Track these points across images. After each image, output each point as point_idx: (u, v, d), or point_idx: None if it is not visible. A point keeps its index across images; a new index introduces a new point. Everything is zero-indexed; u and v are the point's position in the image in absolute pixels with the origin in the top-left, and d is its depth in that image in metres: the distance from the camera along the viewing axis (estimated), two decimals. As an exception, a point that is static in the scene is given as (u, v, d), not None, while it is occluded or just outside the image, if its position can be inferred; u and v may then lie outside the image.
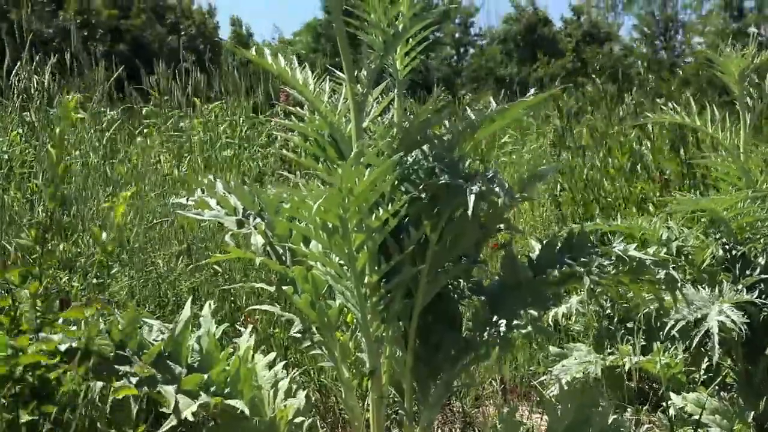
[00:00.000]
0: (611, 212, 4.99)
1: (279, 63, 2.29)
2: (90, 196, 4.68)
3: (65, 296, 2.72)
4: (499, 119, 2.26)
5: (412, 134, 2.23)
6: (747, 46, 3.33)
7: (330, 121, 2.28)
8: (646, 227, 3.28)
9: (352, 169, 1.94)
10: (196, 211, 2.37)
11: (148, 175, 5.66)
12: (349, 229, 2.06)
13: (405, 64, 2.34)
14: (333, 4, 2.20)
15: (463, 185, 2.03)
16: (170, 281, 3.95)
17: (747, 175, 3.27)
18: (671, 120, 3.46)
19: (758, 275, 3.08)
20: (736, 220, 3.20)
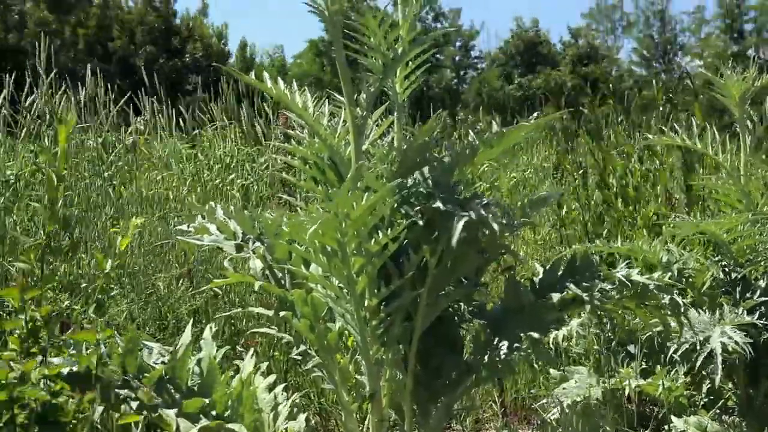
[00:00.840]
0: (617, 234, 4.98)
1: (278, 87, 2.30)
2: (92, 218, 4.69)
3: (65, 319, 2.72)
4: (498, 144, 2.25)
5: (411, 157, 2.23)
6: (747, 68, 3.34)
7: (329, 144, 2.28)
8: (646, 250, 3.28)
9: (348, 194, 1.93)
10: (196, 236, 2.37)
11: (149, 198, 5.66)
12: (348, 252, 2.05)
13: (405, 87, 2.35)
14: (332, 27, 2.21)
15: (453, 211, 2.02)
16: (170, 304, 3.95)
17: (747, 197, 3.26)
18: (672, 143, 3.47)
19: (759, 298, 3.07)
20: (737, 243, 3.19)
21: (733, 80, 3.33)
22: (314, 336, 2.26)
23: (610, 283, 2.26)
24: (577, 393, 3.29)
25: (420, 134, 2.26)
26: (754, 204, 3.27)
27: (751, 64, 3.34)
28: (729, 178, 3.30)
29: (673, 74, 46.47)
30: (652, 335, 3.24)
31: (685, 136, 3.38)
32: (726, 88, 3.35)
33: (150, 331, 3.72)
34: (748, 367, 3.08)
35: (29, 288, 2.12)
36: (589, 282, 2.26)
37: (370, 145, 2.32)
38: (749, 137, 3.33)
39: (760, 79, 3.34)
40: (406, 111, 2.40)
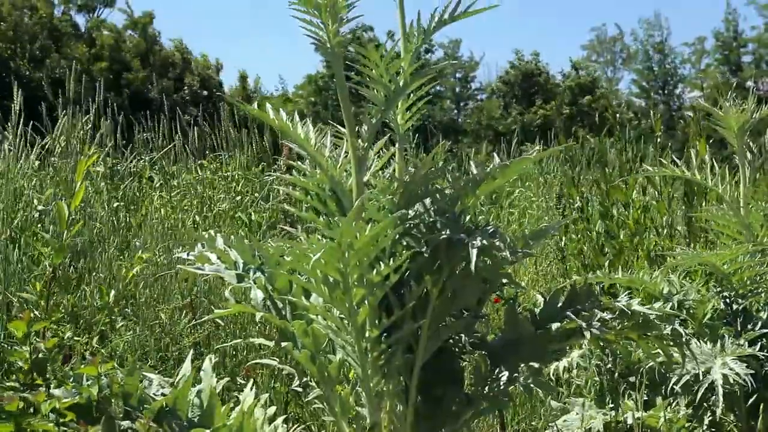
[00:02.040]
0: (618, 265, 4.99)
1: (281, 118, 2.31)
2: (97, 249, 4.70)
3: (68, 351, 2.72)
4: (501, 176, 2.27)
5: (413, 188, 2.24)
6: (746, 100, 3.35)
7: (331, 175, 2.29)
8: (647, 281, 3.28)
9: (353, 225, 1.94)
10: (197, 265, 2.37)
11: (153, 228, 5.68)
12: (350, 283, 2.06)
13: (406, 118, 2.36)
14: (334, 60, 2.23)
15: (464, 240, 2.03)
16: (173, 336, 3.95)
17: (748, 229, 3.27)
18: (672, 174, 3.48)
19: (760, 329, 3.07)
20: (737, 274, 3.20)
21: (731, 112, 3.34)
22: (315, 367, 2.26)
23: (610, 313, 2.26)
24: (579, 425, 3.28)
25: (422, 166, 2.27)
26: (755, 235, 3.28)
27: (750, 96, 3.36)
28: (729, 210, 3.31)
29: (672, 105, 46.69)
30: (653, 366, 3.24)
31: (684, 168, 3.39)
32: (725, 119, 3.37)
33: (152, 362, 3.72)
34: (750, 398, 3.07)
35: (35, 321, 2.13)
36: (589, 312, 2.26)
37: (372, 177, 2.33)
38: (749, 169, 3.34)
39: (758, 111, 3.35)
40: (408, 142, 2.41)
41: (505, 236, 2.05)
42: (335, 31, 2.19)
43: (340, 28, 2.20)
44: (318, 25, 2.20)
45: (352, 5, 2.21)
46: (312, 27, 2.21)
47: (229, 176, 7.74)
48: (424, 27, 2.25)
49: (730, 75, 45.56)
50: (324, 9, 2.17)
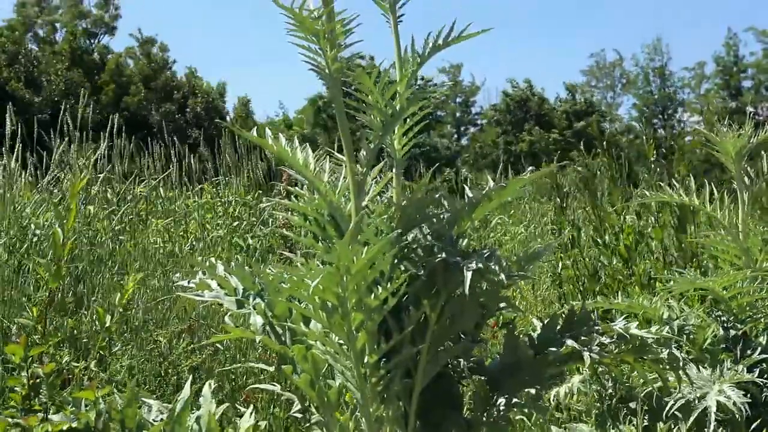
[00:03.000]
0: (614, 290, 4.99)
1: (280, 144, 2.32)
2: (94, 273, 4.70)
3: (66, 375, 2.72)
4: (497, 197, 2.27)
5: (410, 213, 2.25)
6: (744, 125, 3.36)
7: (329, 200, 2.30)
8: (646, 306, 3.28)
9: (349, 247, 1.95)
10: (197, 292, 2.38)
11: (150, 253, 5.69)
12: (348, 308, 2.06)
13: (403, 144, 2.37)
14: (333, 86, 2.24)
15: (460, 263, 2.04)
16: (171, 360, 3.94)
17: (746, 254, 3.27)
18: (670, 199, 3.48)
19: (759, 355, 3.06)
20: (736, 300, 3.20)
21: (729, 137, 3.35)
22: (314, 392, 2.26)
23: (608, 337, 2.26)
24: (579, 450, 3.27)
25: (418, 190, 2.28)
26: (753, 260, 3.28)
27: (747, 121, 3.37)
28: (728, 235, 3.31)
29: (673, 130, 46.78)
30: (652, 391, 3.23)
31: (682, 192, 3.40)
32: (722, 145, 3.37)
33: (150, 387, 3.71)
34: (751, 424, 3.06)
35: (32, 345, 2.13)
36: (587, 336, 2.26)
37: (370, 202, 2.34)
38: (746, 193, 3.35)
39: (756, 136, 3.36)
40: (405, 166, 2.42)
41: (501, 259, 2.05)
42: (334, 57, 2.21)
43: (338, 54, 2.22)
44: (316, 51, 2.22)
45: (350, 31, 2.22)
46: (310, 53, 2.23)
47: (225, 202, 7.76)
48: (419, 52, 2.27)
49: (729, 100, 45.72)
50: (322, 35, 2.18)
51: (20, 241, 4.83)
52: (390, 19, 2.36)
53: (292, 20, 2.15)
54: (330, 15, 2.19)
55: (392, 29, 2.35)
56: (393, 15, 2.36)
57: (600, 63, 52.71)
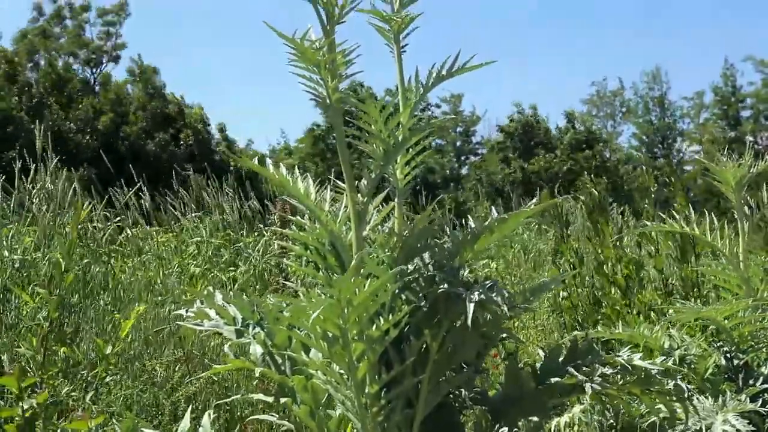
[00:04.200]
0: (614, 320, 4.97)
1: (281, 173, 2.32)
2: (90, 304, 4.69)
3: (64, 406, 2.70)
4: (499, 230, 2.27)
5: (412, 243, 2.24)
6: (743, 155, 3.36)
7: (331, 229, 2.30)
8: (647, 335, 3.27)
9: (352, 280, 1.94)
10: (195, 321, 2.37)
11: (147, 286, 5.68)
12: (350, 338, 2.05)
13: (405, 173, 2.37)
14: (334, 116, 2.24)
15: (462, 293, 2.03)
16: (167, 390, 3.92)
17: (747, 283, 3.26)
18: (671, 229, 3.48)
19: (761, 385, 3.05)
20: (738, 329, 3.18)
21: (729, 167, 3.35)
22: (314, 423, 2.24)
23: (611, 368, 2.25)
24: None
25: (420, 220, 2.28)
26: (754, 290, 3.27)
27: (747, 150, 3.37)
28: (728, 264, 3.30)
29: (672, 159, 46.92)
30: (654, 423, 3.21)
31: (682, 222, 3.39)
32: (722, 174, 3.37)
33: (147, 416, 3.69)
34: (754, 454, 3.04)
35: (28, 376, 2.11)
36: (590, 367, 2.25)
37: (372, 231, 2.33)
38: (747, 223, 3.34)
39: (756, 166, 3.36)
40: (406, 196, 2.42)
41: (503, 291, 2.04)
42: (335, 87, 2.21)
43: (339, 84, 2.22)
44: (317, 81, 2.22)
45: (351, 62, 2.23)
46: (311, 83, 2.23)
47: (202, 241, 7.77)
48: (422, 82, 2.27)
49: (728, 129, 45.85)
50: (323, 66, 2.19)
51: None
52: (393, 49, 2.37)
53: (293, 51, 2.15)
54: (331, 46, 2.20)
55: (395, 59, 2.36)
56: (396, 45, 2.37)
57: (601, 92, 52.94)
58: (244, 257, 7.36)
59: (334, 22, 2.22)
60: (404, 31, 2.39)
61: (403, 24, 2.38)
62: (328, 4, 2.20)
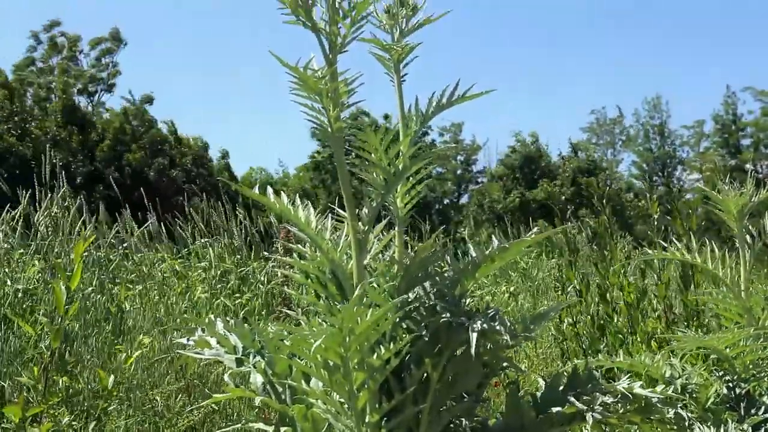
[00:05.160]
0: (616, 348, 4.97)
1: (281, 201, 2.32)
2: (91, 333, 4.68)
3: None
4: (500, 258, 2.27)
5: (413, 271, 2.24)
6: (744, 183, 3.36)
7: (332, 258, 2.30)
8: (648, 364, 3.25)
9: (354, 309, 1.94)
10: (196, 350, 2.36)
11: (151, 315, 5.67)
12: (350, 367, 2.05)
13: (406, 202, 2.38)
14: (335, 144, 2.25)
15: (465, 323, 2.03)
16: (168, 419, 3.91)
17: (749, 312, 3.26)
18: (672, 257, 3.47)
19: (764, 414, 3.03)
20: (740, 358, 3.17)
21: (730, 195, 3.34)
22: (315, 452, 2.23)
23: (612, 396, 2.24)
24: None
25: (421, 249, 2.28)
26: (756, 319, 3.26)
27: (748, 179, 3.37)
28: (730, 293, 3.29)
29: (672, 187, 46.97)
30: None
31: (684, 251, 3.39)
32: (724, 203, 3.37)
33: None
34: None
35: (31, 406, 2.11)
36: (591, 395, 2.25)
37: (372, 259, 2.33)
38: (748, 252, 3.34)
39: (758, 194, 3.36)
40: (407, 224, 2.42)
41: (504, 320, 2.04)
42: (336, 116, 2.22)
43: (341, 113, 2.23)
44: (319, 110, 2.23)
45: (353, 91, 2.24)
46: (313, 112, 2.24)
47: (206, 267, 7.76)
48: (423, 111, 2.28)
49: (729, 158, 45.94)
50: (325, 94, 2.19)
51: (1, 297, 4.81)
52: (394, 78, 2.39)
53: (295, 79, 2.16)
54: (333, 75, 2.21)
55: (396, 88, 2.37)
56: (397, 74, 2.39)
57: (600, 120, 53.13)
58: (249, 283, 7.35)
59: (337, 51, 2.23)
60: (404, 60, 2.41)
61: (403, 53, 2.39)
62: (330, 33, 2.21)
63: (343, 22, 2.21)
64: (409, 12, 2.43)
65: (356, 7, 2.19)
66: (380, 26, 2.44)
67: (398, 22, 2.42)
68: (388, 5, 2.44)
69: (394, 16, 2.43)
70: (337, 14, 2.20)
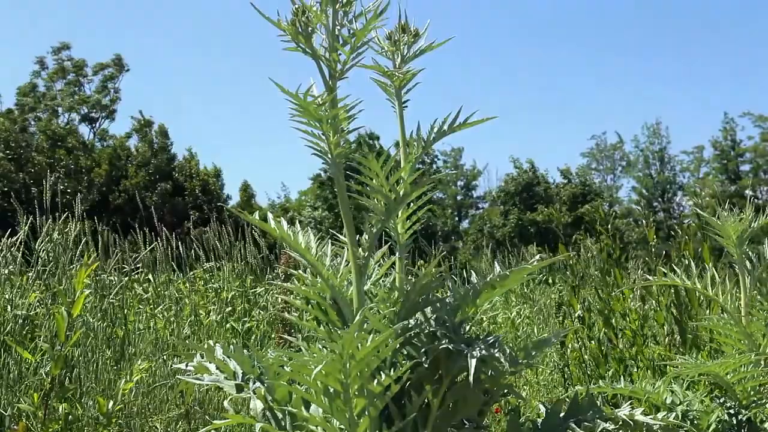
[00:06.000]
0: (618, 374, 4.95)
1: (282, 227, 2.33)
2: (91, 359, 4.66)
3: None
4: (500, 286, 2.27)
5: (413, 298, 2.24)
6: (744, 209, 3.36)
7: (332, 284, 2.30)
8: (649, 390, 3.24)
9: (354, 336, 1.94)
10: (195, 376, 2.36)
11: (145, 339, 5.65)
12: (351, 394, 2.04)
13: (406, 227, 2.38)
14: (335, 170, 2.25)
15: (464, 350, 2.02)
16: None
17: (749, 338, 3.25)
18: (672, 283, 3.47)
19: (766, 440, 3.02)
20: (741, 384, 3.16)
21: (730, 221, 3.35)
22: (315, 479, 2.22)
23: (613, 423, 2.24)
24: None
25: (422, 276, 2.27)
26: (757, 345, 3.25)
27: (748, 204, 3.37)
28: (730, 319, 3.29)
29: (672, 213, 47.01)
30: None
31: (684, 277, 3.39)
32: (723, 229, 3.37)
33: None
34: None
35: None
36: (591, 422, 2.24)
37: (373, 285, 2.33)
38: (748, 277, 3.33)
39: (757, 220, 3.36)
40: (408, 250, 2.42)
41: (504, 347, 2.04)
42: (336, 142, 2.22)
43: (341, 139, 2.23)
44: (319, 136, 2.24)
45: (353, 117, 2.24)
46: (314, 138, 2.24)
47: (217, 288, 7.75)
48: (424, 138, 2.29)
49: (728, 183, 46.00)
50: (325, 121, 2.20)
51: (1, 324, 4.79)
52: (395, 104, 2.40)
53: (295, 105, 2.17)
54: (333, 101, 2.22)
55: (397, 114, 2.38)
56: (398, 100, 2.40)
57: (601, 145, 53.24)
58: (261, 306, 7.33)
59: (336, 78, 2.24)
60: (406, 86, 2.42)
61: (404, 80, 2.41)
62: (330, 60, 2.22)
63: (342, 49, 2.22)
64: (410, 38, 2.44)
65: (356, 35, 2.20)
66: (382, 52, 2.45)
67: (400, 49, 2.43)
68: (390, 31, 2.45)
69: (396, 43, 2.44)
70: (337, 41, 2.21)
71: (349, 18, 2.24)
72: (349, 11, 2.24)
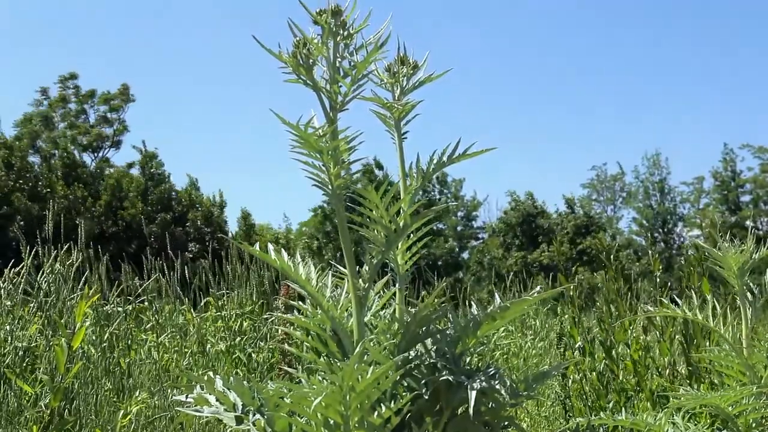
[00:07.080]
0: (620, 406, 4.93)
1: (282, 258, 2.33)
2: (90, 390, 4.65)
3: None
4: (501, 317, 2.26)
5: (414, 330, 2.24)
6: (745, 240, 3.36)
7: (332, 315, 2.29)
8: (651, 423, 3.23)
9: (355, 367, 1.93)
10: (195, 407, 2.35)
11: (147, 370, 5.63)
12: (351, 426, 2.03)
13: (406, 259, 2.38)
14: (336, 202, 2.26)
15: (464, 382, 2.02)
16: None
17: (751, 370, 3.24)
18: (673, 314, 3.46)
19: (768, 473, 3.01)
20: (743, 416, 3.15)
21: (731, 253, 3.34)
22: None
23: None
24: None
25: (422, 307, 2.27)
26: (759, 377, 3.24)
27: (749, 235, 3.37)
28: (732, 351, 3.28)
29: (672, 244, 47.01)
30: None
31: (685, 308, 3.38)
32: (724, 260, 3.37)
33: None
34: None
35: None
36: (593, 456, 2.23)
37: (373, 317, 2.33)
38: (750, 309, 3.33)
39: (758, 251, 3.35)
40: (408, 281, 2.42)
41: (505, 379, 2.03)
42: (337, 173, 2.23)
43: (342, 170, 2.24)
44: (320, 167, 2.24)
45: (354, 148, 2.25)
46: (314, 169, 2.25)
47: (227, 315, 7.72)
48: (423, 169, 2.29)
49: (729, 214, 46.03)
50: (326, 152, 2.21)
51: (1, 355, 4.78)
52: (395, 136, 2.40)
53: (296, 137, 2.18)
54: (334, 133, 2.22)
55: (397, 146, 2.39)
56: (398, 133, 2.41)
57: (601, 176, 53.32)
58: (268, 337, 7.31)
59: (337, 110, 2.25)
60: (405, 118, 2.43)
61: (403, 112, 2.41)
62: (331, 92, 2.23)
63: (343, 81, 2.23)
64: (409, 70, 2.45)
65: (357, 66, 2.21)
66: (381, 84, 2.46)
67: (399, 80, 2.45)
68: (389, 63, 2.46)
69: (395, 75, 2.45)
70: (338, 73, 2.23)
71: (350, 50, 2.25)
72: (350, 43, 2.25)
